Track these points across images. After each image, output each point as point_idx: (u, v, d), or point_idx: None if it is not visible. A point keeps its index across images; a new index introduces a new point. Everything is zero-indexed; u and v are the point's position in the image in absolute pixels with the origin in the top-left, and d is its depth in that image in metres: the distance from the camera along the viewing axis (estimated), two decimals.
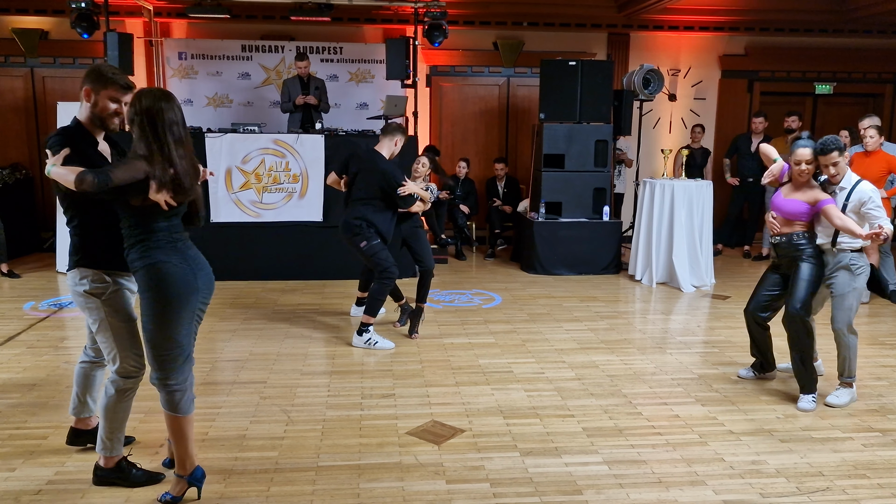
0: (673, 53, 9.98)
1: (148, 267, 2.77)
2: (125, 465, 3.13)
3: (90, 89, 2.95)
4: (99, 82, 2.95)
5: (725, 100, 10.14)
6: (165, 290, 2.77)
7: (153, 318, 2.79)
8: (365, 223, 5.16)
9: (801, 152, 4.10)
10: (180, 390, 2.88)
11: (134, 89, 2.97)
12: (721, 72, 10.10)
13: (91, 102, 2.97)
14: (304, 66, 8.11)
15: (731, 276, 7.85)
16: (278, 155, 7.31)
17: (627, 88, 8.54)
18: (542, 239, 7.85)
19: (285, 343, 5.28)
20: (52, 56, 9.20)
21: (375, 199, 5.18)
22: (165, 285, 2.77)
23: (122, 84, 2.97)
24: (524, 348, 5.20)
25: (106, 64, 3.06)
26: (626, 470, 3.34)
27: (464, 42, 9.61)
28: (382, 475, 3.26)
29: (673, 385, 4.48)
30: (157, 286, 2.77)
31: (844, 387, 4.21)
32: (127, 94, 2.96)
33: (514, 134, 10.06)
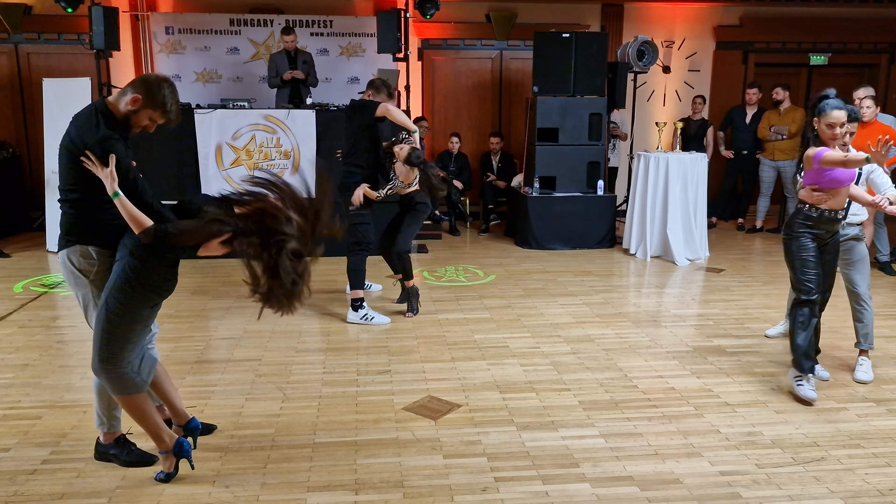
0: (667, 25, 9.88)
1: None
2: (123, 441, 3.12)
3: (141, 101, 2.85)
4: (154, 105, 2.88)
5: (720, 71, 10.07)
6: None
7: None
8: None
9: (837, 114, 3.64)
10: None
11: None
12: (715, 43, 10.01)
13: (132, 109, 2.86)
14: (290, 40, 7.99)
15: (725, 249, 7.85)
16: (269, 131, 7.23)
17: (622, 61, 8.46)
18: (536, 213, 7.81)
19: (279, 321, 5.24)
20: (36, 32, 9.03)
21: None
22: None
23: (172, 119, 2.95)
24: (519, 323, 5.19)
25: (170, 85, 2.91)
26: (623, 443, 3.34)
27: (456, 14, 9.49)
28: (379, 451, 3.25)
29: (668, 358, 4.49)
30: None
31: (867, 357, 4.19)
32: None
33: (507, 108, 9.97)
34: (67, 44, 9.06)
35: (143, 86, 2.87)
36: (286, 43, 8.01)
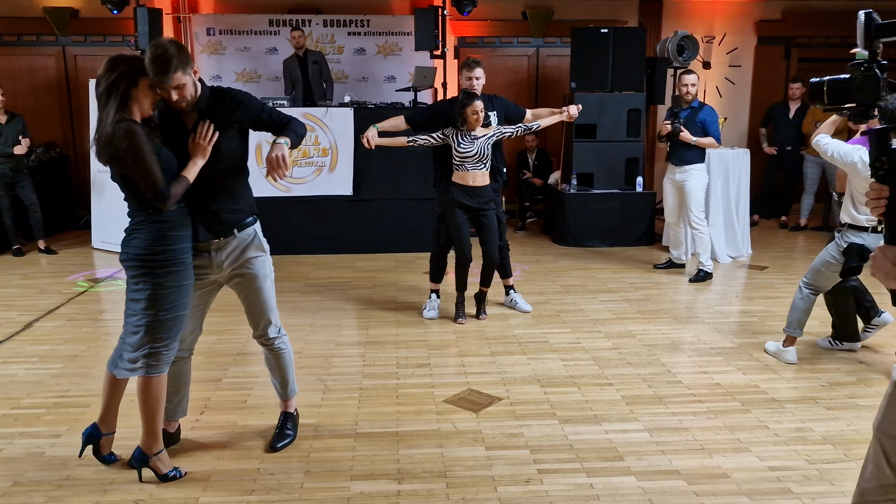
0: (707, 20, 9.74)
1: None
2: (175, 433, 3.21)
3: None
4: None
5: (761, 67, 9.88)
6: None
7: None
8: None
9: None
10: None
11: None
12: (757, 38, 9.83)
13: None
14: (297, 36, 8.09)
15: (767, 247, 7.70)
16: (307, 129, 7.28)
17: (661, 56, 8.35)
18: (573, 211, 7.76)
19: (318, 315, 5.29)
20: (82, 34, 9.25)
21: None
22: None
23: (153, 79, 2.87)
24: (559, 318, 5.16)
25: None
26: (668, 437, 3.29)
27: (492, 12, 9.47)
28: (421, 442, 3.25)
29: (712, 354, 4.41)
30: None
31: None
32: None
33: (543, 104, 9.83)
34: (113, 45, 9.25)
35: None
36: (293, 39, 8.09)
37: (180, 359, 3.06)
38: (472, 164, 4.80)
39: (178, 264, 2.77)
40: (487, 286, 5.15)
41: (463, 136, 4.80)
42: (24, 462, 3.07)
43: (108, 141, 2.61)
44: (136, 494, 2.81)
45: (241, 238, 2.97)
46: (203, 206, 2.88)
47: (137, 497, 2.80)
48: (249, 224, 3.00)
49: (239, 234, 2.96)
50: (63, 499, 2.79)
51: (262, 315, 3.10)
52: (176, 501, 2.77)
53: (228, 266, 2.98)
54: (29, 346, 4.58)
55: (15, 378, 4.04)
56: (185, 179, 2.75)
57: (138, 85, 2.66)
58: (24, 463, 3.06)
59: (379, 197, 7.40)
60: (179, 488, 2.86)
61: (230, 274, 3.01)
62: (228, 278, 3.04)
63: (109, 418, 3.00)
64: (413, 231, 7.26)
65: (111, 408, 2.99)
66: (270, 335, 3.15)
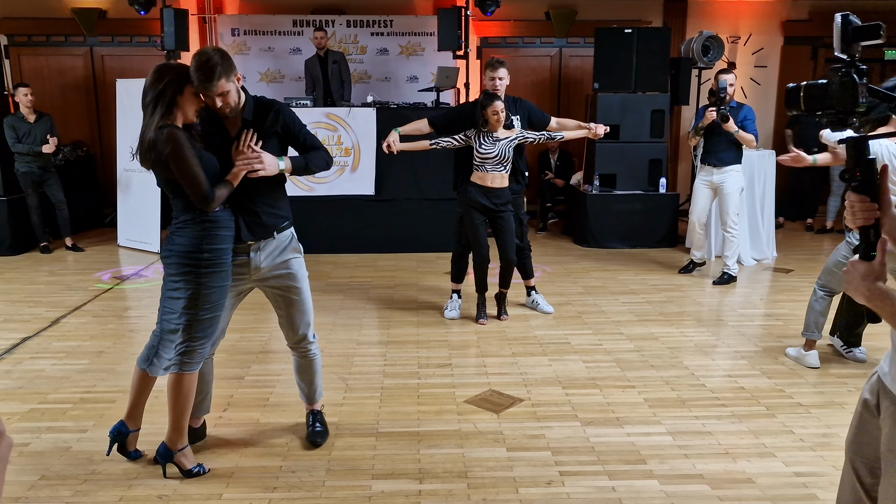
0: (732, 20, 9.64)
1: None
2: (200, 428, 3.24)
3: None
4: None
5: (788, 67, 9.75)
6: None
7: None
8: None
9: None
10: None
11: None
12: (783, 38, 9.71)
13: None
14: (319, 37, 8.14)
15: (793, 250, 7.60)
16: (330, 129, 7.32)
17: (685, 56, 8.29)
18: (595, 212, 7.72)
19: (340, 314, 5.31)
20: (110, 35, 9.37)
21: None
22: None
23: (198, 86, 2.94)
24: (580, 320, 5.13)
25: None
26: (691, 441, 3.26)
27: (515, 12, 9.45)
28: (442, 442, 3.25)
29: (736, 357, 4.36)
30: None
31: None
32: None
33: (566, 105, 9.87)
34: (139, 46, 9.37)
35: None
36: (315, 40, 8.13)
37: (208, 357, 3.09)
38: (492, 165, 4.79)
39: (221, 265, 2.82)
40: (506, 287, 5.14)
41: (485, 137, 4.78)
42: (51, 456, 3.11)
43: (151, 146, 2.67)
44: (161, 490, 2.84)
45: (279, 239, 3.02)
46: (245, 209, 2.93)
47: (161, 492, 2.83)
48: (287, 227, 3.06)
49: (278, 236, 3.01)
50: (89, 493, 2.83)
51: (303, 315, 3.11)
52: (199, 497, 2.80)
53: (267, 266, 3.01)
54: (56, 342, 4.65)
55: (42, 373, 4.10)
56: (230, 184, 2.81)
57: (184, 93, 2.73)
58: (51, 457, 3.11)
59: (400, 197, 7.41)
60: (203, 484, 2.89)
61: (268, 275, 3.03)
62: (266, 280, 3.05)
63: (136, 415, 3.05)
64: (434, 231, 7.27)
65: (139, 405, 3.04)
66: (310, 338, 3.17)
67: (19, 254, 7.37)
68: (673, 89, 8.08)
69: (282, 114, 2.97)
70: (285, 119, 2.97)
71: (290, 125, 2.99)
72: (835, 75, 1.58)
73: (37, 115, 7.28)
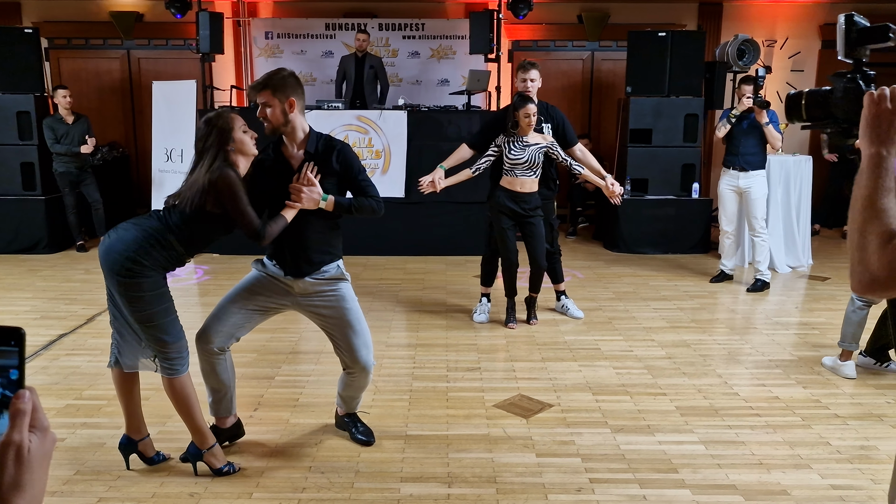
0: (769, 23, 9.50)
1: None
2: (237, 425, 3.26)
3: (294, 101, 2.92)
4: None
5: (826, 72, 9.56)
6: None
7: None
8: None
9: None
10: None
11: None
12: (821, 42, 9.54)
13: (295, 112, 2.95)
14: (363, 39, 8.16)
15: (829, 258, 7.45)
16: (361, 131, 7.36)
17: (720, 60, 8.19)
18: (626, 217, 7.65)
19: (369, 316, 5.25)
20: (146, 38, 9.54)
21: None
22: None
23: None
24: (611, 326, 5.08)
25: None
26: (724, 450, 3.20)
27: (547, 15, 9.42)
28: (471, 446, 3.24)
29: (771, 366, 4.29)
30: None
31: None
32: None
33: (597, 109, 9.81)
34: (174, 49, 9.52)
35: (290, 88, 2.93)
36: (358, 42, 8.17)
37: (212, 357, 3.06)
38: (521, 170, 4.76)
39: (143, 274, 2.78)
40: (537, 292, 5.11)
41: (515, 141, 4.75)
42: (86, 451, 3.16)
43: (209, 187, 2.73)
44: (192, 487, 2.87)
45: (325, 269, 3.04)
46: (294, 244, 2.96)
47: (193, 490, 2.85)
48: (334, 261, 3.08)
49: (323, 269, 3.04)
50: (122, 488, 2.86)
51: (357, 339, 3.07)
52: (230, 496, 2.82)
53: (312, 294, 3.04)
54: (91, 339, 4.73)
55: (78, 370, 4.17)
56: (283, 219, 2.86)
57: (234, 139, 2.80)
58: (86, 452, 3.16)
59: (430, 199, 7.34)
60: (233, 483, 2.91)
61: (314, 300, 3.05)
62: (311, 302, 3.06)
63: (136, 424, 3.00)
64: (463, 234, 7.27)
65: (133, 413, 2.99)
66: (371, 363, 3.14)
67: (56, 252, 7.52)
68: (707, 93, 7.99)
69: (343, 154, 2.99)
70: (346, 159, 2.99)
71: (349, 167, 3.00)
72: (839, 82, 1.42)
73: (75, 116, 7.43)
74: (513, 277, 5.00)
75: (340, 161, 2.98)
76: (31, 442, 0.75)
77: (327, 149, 2.98)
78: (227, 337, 3.06)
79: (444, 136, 7.37)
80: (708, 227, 7.73)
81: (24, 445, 0.74)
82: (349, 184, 3.04)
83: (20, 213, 7.45)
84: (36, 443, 0.75)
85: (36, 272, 6.68)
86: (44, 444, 0.77)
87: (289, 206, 2.88)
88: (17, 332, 0.78)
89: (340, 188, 3.02)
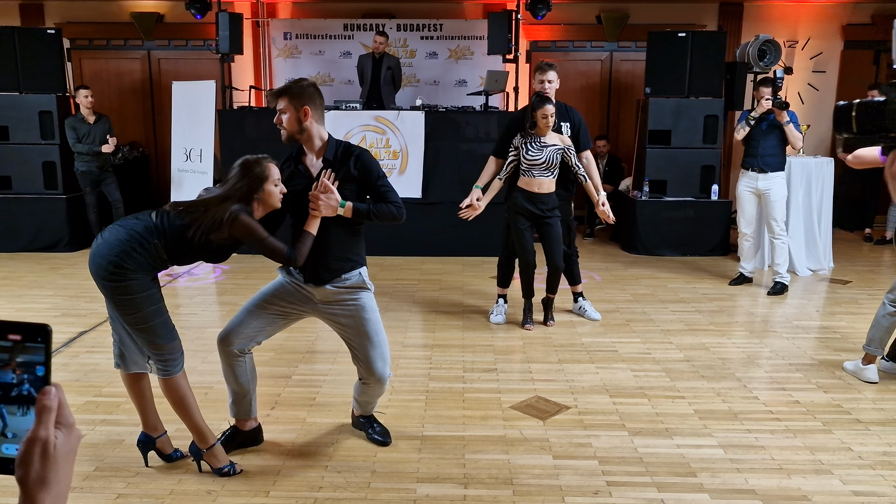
0: (790, 24, 9.40)
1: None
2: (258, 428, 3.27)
3: (308, 109, 2.92)
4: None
5: (848, 73, 9.47)
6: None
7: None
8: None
9: None
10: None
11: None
12: (843, 42, 9.43)
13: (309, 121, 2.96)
14: (381, 41, 8.17)
15: (850, 261, 7.36)
16: (378, 132, 7.37)
17: (741, 61, 8.11)
18: (644, 218, 7.60)
19: (385, 316, 5.30)
20: (166, 39, 9.62)
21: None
22: None
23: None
24: (628, 328, 5.05)
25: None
26: (743, 455, 3.17)
27: (566, 16, 9.38)
28: (487, 447, 3.23)
29: (791, 370, 4.23)
30: None
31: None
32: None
33: (615, 110, 9.76)
34: (194, 49, 9.59)
35: (304, 98, 2.93)
36: (376, 44, 8.19)
37: (232, 358, 3.08)
38: (539, 171, 4.74)
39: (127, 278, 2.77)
40: (554, 293, 5.08)
41: (532, 142, 4.74)
42: (105, 448, 3.19)
43: (219, 225, 2.73)
44: (209, 485, 2.89)
45: (346, 276, 3.02)
46: (314, 251, 2.95)
47: (210, 488, 2.87)
48: (356, 268, 3.06)
49: (344, 276, 3.02)
50: (140, 485, 2.89)
51: (374, 350, 3.05)
52: (247, 493, 2.83)
53: (333, 302, 3.03)
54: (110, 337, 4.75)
55: (97, 367, 4.21)
56: (310, 234, 2.88)
57: (264, 189, 2.82)
58: (105, 449, 3.18)
59: (447, 200, 7.40)
60: (250, 481, 2.92)
61: (334, 311, 3.05)
62: (331, 309, 3.05)
63: (151, 421, 3.02)
64: (480, 234, 7.25)
65: (146, 411, 3.01)
66: (387, 375, 3.12)
67: (77, 250, 7.59)
68: (727, 94, 7.92)
69: (361, 159, 2.98)
70: (364, 164, 2.98)
71: (368, 172, 2.98)
72: (893, 91, 1.38)
73: (96, 116, 7.50)
74: (530, 279, 4.99)
75: (359, 167, 2.97)
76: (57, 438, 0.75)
77: (345, 155, 2.98)
78: (248, 339, 3.07)
79: (462, 137, 7.37)
80: (727, 229, 7.66)
81: (51, 442, 0.75)
82: (368, 189, 3.02)
83: (42, 212, 7.54)
84: (61, 439, 0.76)
85: (57, 270, 6.75)
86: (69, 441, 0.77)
87: (311, 217, 2.88)
88: (43, 328, 0.78)
89: (360, 194, 3.01)
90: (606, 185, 8.70)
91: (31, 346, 0.78)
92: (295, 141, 2.98)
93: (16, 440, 0.77)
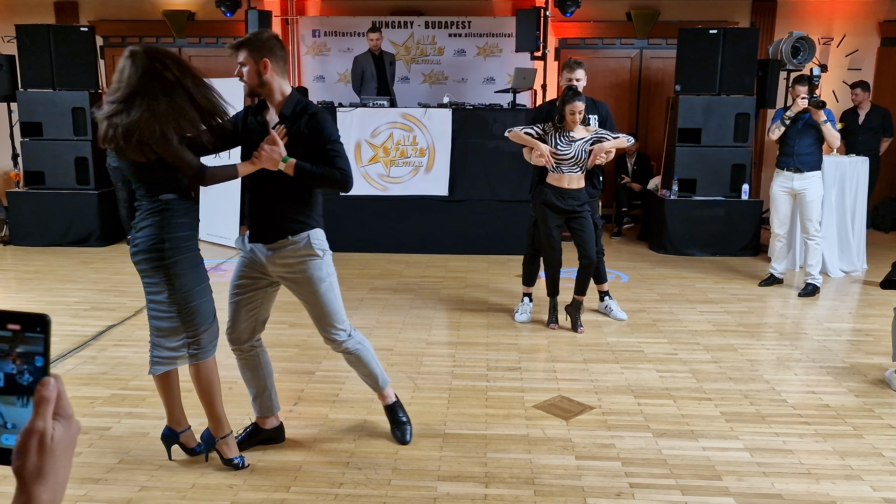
0: (825, 20, 9.21)
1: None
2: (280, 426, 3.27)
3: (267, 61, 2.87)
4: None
5: (885, 70, 9.25)
6: None
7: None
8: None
9: None
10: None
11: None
12: (880, 39, 9.21)
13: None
14: (375, 38, 8.15)
15: (885, 262, 7.14)
16: (406, 129, 7.37)
17: (773, 58, 7.96)
18: (673, 217, 7.50)
19: (410, 313, 5.33)
20: (197, 36, 9.72)
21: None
22: None
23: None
24: (655, 328, 4.98)
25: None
26: (771, 458, 3.11)
27: (595, 13, 9.29)
28: (510, 446, 3.21)
29: (821, 373, 4.15)
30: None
31: None
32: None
33: (645, 108, 9.65)
34: (224, 47, 9.67)
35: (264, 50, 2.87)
36: (371, 41, 8.16)
37: (245, 354, 3.10)
38: (568, 166, 4.70)
39: (185, 250, 2.81)
40: (583, 294, 4.96)
41: (561, 136, 4.69)
42: (130, 441, 3.23)
43: (130, 131, 2.65)
44: (231, 479, 2.91)
45: (293, 240, 2.93)
46: (264, 209, 2.93)
47: (232, 482, 2.89)
48: (304, 229, 2.95)
49: (292, 238, 2.93)
50: (163, 478, 2.92)
51: (321, 319, 3.04)
52: (268, 488, 2.84)
53: (280, 265, 2.97)
54: (138, 331, 4.83)
55: (124, 360, 4.27)
56: (233, 168, 2.85)
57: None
58: (130, 441, 3.22)
59: (473, 198, 7.39)
60: (271, 477, 2.94)
61: (282, 274, 3.00)
62: (282, 278, 3.03)
63: (176, 416, 3.03)
64: (506, 233, 7.22)
65: (174, 407, 3.02)
66: (338, 339, 3.08)
67: (107, 245, 7.71)
68: (759, 92, 7.77)
69: (315, 118, 2.88)
70: (316, 124, 2.87)
71: (319, 132, 2.87)
72: None
73: None
74: (555, 276, 4.94)
75: (310, 126, 2.87)
76: (55, 430, 0.75)
77: (301, 112, 2.90)
78: (251, 329, 3.09)
79: (489, 135, 7.33)
80: (758, 229, 7.53)
81: (48, 433, 0.74)
82: (318, 151, 2.87)
83: (74, 207, 7.67)
84: (60, 431, 0.75)
85: (88, 264, 6.87)
86: (68, 433, 0.76)
87: (248, 161, 2.85)
88: (42, 318, 0.78)
89: (309, 155, 2.86)
90: (635, 183, 8.65)
91: (30, 336, 0.77)
92: (257, 95, 2.93)
93: (16, 431, 0.76)
